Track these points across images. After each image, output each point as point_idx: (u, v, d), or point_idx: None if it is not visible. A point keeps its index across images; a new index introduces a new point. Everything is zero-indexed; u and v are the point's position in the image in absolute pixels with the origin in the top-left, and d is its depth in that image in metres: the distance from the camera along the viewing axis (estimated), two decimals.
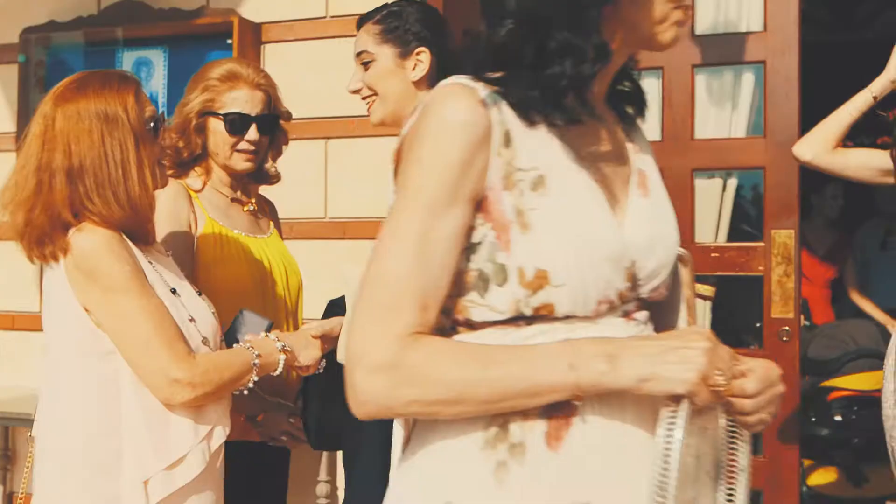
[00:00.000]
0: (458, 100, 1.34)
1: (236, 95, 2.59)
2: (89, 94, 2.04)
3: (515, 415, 1.31)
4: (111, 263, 1.96)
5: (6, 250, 2.13)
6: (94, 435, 2.00)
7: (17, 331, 4.66)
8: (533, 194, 1.33)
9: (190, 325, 2.07)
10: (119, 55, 4.43)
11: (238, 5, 4.25)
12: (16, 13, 4.65)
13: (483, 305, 1.34)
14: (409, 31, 2.26)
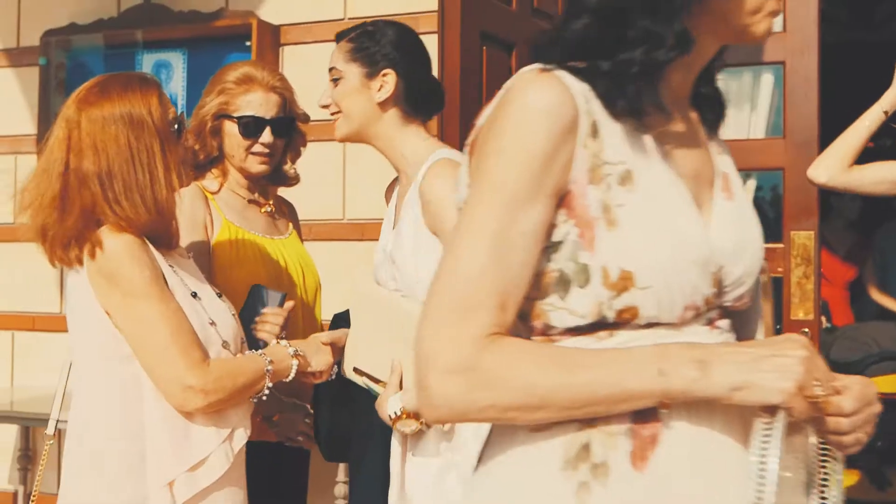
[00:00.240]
0: (544, 86, 1.25)
1: (251, 98, 2.60)
2: (113, 97, 2.04)
3: (597, 433, 1.24)
4: (132, 268, 1.97)
5: (26, 252, 2.14)
6: (117, 437, 2.01)
7: (37, 331, 4.69)
8: (621, 189, 1.25)
9: (210, 329, 2.08)
10: (139, 57, 4.46)
11: (257, 7, 4.26)
12: (37, 16, 4.68)
13: (563, 309, 1.26)
14: (379, 52, 2.27)
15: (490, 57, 3.25)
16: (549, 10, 3.64)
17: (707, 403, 1.22)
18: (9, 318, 4.75)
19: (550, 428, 1.25)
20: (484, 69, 3.22)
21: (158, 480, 1.98)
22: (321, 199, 3.87)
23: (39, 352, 4.68)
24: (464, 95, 3.08)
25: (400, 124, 2.27)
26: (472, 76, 3.15)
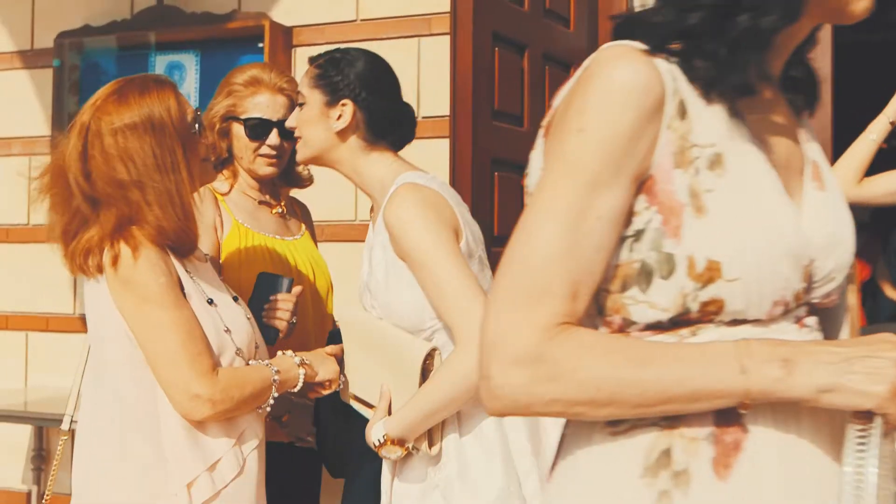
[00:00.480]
0: (628, 62, 1.17)
1: (258, 100, 2.61)
2: (131, 104, 2.05)
3: (678, 438, 1.16)
4: (147, 274, 1.98)
5: (39, 253, 2.15)
6: (133, 439, 2.02)
7: (51, 332, 4.71)
8: (710, 174, 1.17)
9: (225, 336, 2.08)
10: (151, 59, 4.47)
11: (269, 9, 4.27)
12: (51, 18, 4.70)
13: (644, 302, 1.18)
14: (341, 81, 2.25)
15: (502, 58, 3.25)
16: (562, 11, 3.64)
17: (793, 406, 1.14)
18: (22, 319, 4.77)
19: (629, 431, 1.19)
20: (496, 70, 3.21)
21: (178, 481, 1.99)
22: (333, 200, 3.88)
23: (53, 352, 4.70)
24: (476, 96, 3.08)
25: (361, 152, 2.25)
26: (485, 77, 3.14)
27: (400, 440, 2.05)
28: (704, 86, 1.19)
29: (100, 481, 2.06)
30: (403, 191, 2.12)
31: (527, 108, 3.39)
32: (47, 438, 4.61)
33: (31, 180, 2.16)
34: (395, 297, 2.13)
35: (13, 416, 4.09)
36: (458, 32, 3.08)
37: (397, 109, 2.30)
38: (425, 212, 2.07)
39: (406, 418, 2.04)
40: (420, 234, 2.05)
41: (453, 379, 2.00)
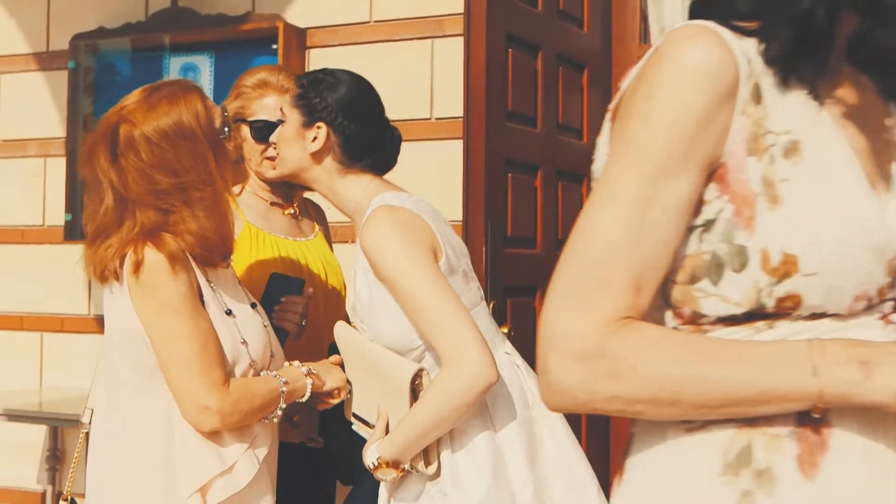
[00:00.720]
0: (700, 44, 1.11)
1: (265, 102, 2.61)
2: (161, 112, 2.05)
3: (759, 435, 1.10)
4: (167, 282, 1.98)
5: (55, 254, 2.16)
6: (148, 442, 2.03)
7: (66, 333, 4.73)
8: (785, 162, 1.11)
9: (241, 348, 2.09)
10: (166, 61, 4.48)
11: (283, 11, 4.28)
12: (66, 20, 4.72)
13: (715, 296, 1.12)
14: (319, 103, 2.24)
15: (515, 59, 3.25)
16: (576, 12, 3.64)
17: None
18: (37, 320, 4.79)
19: (705, 427, 1.13)
20: (510, 71, 3.22)
21: (191, 485, 2.00)
22: None
23: (68, 353, 4.72)
24: (489, 97, 3.08)
25: (337, 174, 2.24)
26: (498, 78, 3.15)
27: (394, 462, 2.05)
28: (781, 68, 1.12)
29: (111, 483, 2.06)
30: (378, 214, 2.10)
31: (540, 109, 3.39)
32: (62, 438, 4.63)
33: (46, 182, 2.16)
34: (381, 320, 2.12)
35: (28, 416, 4.11)
36: (471, 33, 3.08)
37: (376, 134, 2.28)
38: (401, 234, 2.06)
39: (398, 440, 2.04)
40: (397, 258, 2.04)
41: (441, 399, 1.99)
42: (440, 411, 1.99)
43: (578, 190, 3.64)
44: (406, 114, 4.13)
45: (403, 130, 4.03)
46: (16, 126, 4.88)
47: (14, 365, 4.79)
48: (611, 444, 3.82)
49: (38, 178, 4.81)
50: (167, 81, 2.16)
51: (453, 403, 1.98)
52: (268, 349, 2.18)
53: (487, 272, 3.03)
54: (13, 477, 4.80)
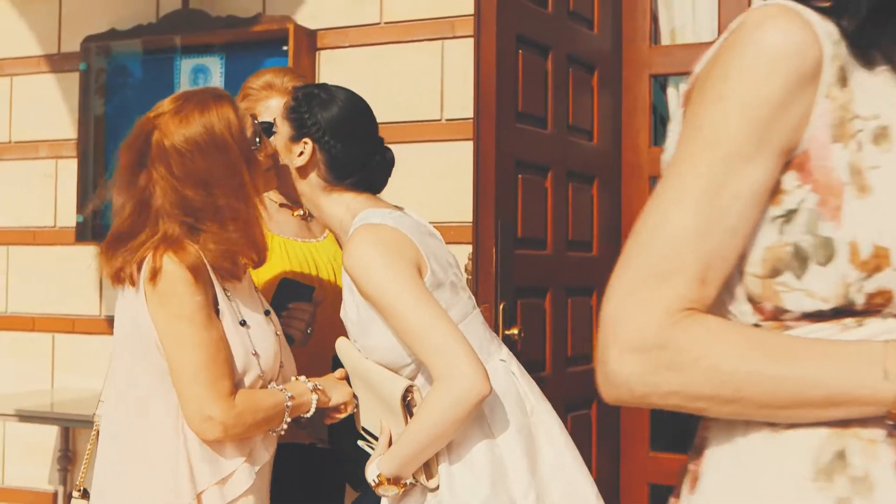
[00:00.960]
0: (780, 22, 1.05)
1: (270, 104, 2.62)
2: (192, 122, 2.05)
3: (853, 439, 1.04)
4: (184, 292, 1.99)
5: (66, 255, 2.17)
6: (152, 446, 2.04)
7: (77, 334, 4.74)
8: (874, 149, 1.04)
9: (252, 360, 2.10)
10: (177, 62, 4.49)
11: (294, 12, 4.29)
12: (78, 22, 4.74)
13: (800, 290, 1.06)
14: (308, 119, 2.23)
15: (526, 60, 3.25)
16: (586, 13, 3.64)
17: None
18: (49, 321, 4.80)
19: (793, 428, 1.06)
20: (520, 72, 3.21)
21: (189, 490, 2.01)
22: None
23: (79, 354, 4.73)
24: (499, 99, 3.08)
25: (321, 190, 2.24)
26: (508, 79, 3.14)
27: (395, 478, 2.06)
28: (861, 41, 1.06)
29: (115, 484, 2.08)
30: (360, 233, 2.10)
31: (550, 110, 3.39)
32: (73, 439, 4.65)
33: (57, 183, 2.18)
34: (371, 338, 2.12)
35: (40, 416, 4.12)
36: (481, 35, 3.08)
37: (364, 155, 2.25)
38: (384, 253, 2.06)
39: (397, 457, 2.05)
40: (381, 278, 2.04)
41: (435, 416, 1.99)
42: (435, 427, 2.00)
43: (589, 191, 3.64)
44: (416, 115, 4.14)
45: (414, 131, 4.06)
46: (27, 128, 4.90)
47: (26, 366, 4.81)
48: (621, 451, 3.82)
49: (50, 180, 4.83)
50: (199, 90, 2.17)
51: (448, 419, 1.98)
52: (278, 359, 2.18)
53: (497, 273, 3.02)
54: (25, 477, 4.81)
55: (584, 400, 3.59)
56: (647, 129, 3.86)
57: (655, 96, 4.08)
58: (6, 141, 4.94)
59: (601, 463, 3.64)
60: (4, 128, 4.95)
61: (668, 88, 4.05)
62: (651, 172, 3.84)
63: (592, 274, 3.66)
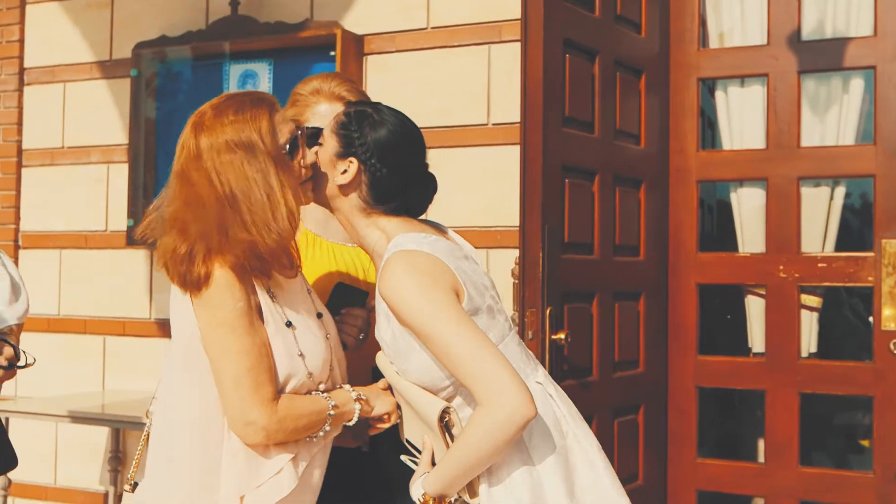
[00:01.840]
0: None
1: (318, 110, 2.62)
2: (225, 122, 2.07)
3: None
4: (224, 298, 2.00)
5: (117, 259, 2.20)
6: (196, 446, 2.05)
7: (128, 336, 4.80)
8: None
9: (298, 361, 2.10)
10: (226, 68, 4.54)
11: (341, 18, 4.31)
12: (129, 29, 4.81)
13: None
14: (357, 139, 2.21)
15: (573, 64, 3.24)
16: (633, 17, 3.62)
17: None
18: (100, 324, 4.87)
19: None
20: (567, 76, 3.21)
21: (231, 492, 2.02)
22: None
23: (129, 356, 4.79)
24: (546, 103, 3.07)
25: (359, 211, 2.22)
26: (555, 83, 3.14)
27: (439, 498, 2.06)
28: None
29: (160, 482, 2.09)
30: (395, 260, 2.08)
31: (597, 114, 3.38)
32: (124, 440, 4.70)
33: (109, 187, 2.21)
34: (407, 363, 2.12)
35: (91, 418, 4.18)
36: (528, 39, 3.07)
37: (407, 182, 2.23)
38: (419, 279, 2.04)
39: (441, 477, 2.04)
40: (419, 305, 2.02)
41: (481, 439, 1.98)
42: (480, 450, 1.99)
43: (636, 195, 3.62)
44: (463, 119, 4.15)
45: (461, 136, 4.07)
46: (80, 133, 4.98)
47: (78, 368, 4.88)
48: (668, 457, 3.79)
49: (101, 185, 4.90)
50: (243, 93, 2.18)
51: (493, 442, 1.97)
52: (328, 362, 2.19)
53: (544, 278, 3.02)
54: (77, 477, 4.88)
55: (631, 405, 3.57)
56: (695, 132, 3.83)
57: (703, 100, 4.05)
58: (59, 146, 5.02)
59: (648, 469, 3.61)
60: (57, 133, 5.03)
61: (716, 92, 4.02)
62: (699, 176, 3.81)
63: (639, 278, 3.64)
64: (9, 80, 5.13)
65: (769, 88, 3.73)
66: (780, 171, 3.68)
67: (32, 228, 5.08)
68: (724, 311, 5.18)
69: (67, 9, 5.00)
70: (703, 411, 3.85)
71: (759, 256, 3.76)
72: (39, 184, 5.07)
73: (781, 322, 3.67)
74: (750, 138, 3.87)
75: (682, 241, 3.81)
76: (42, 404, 4.33)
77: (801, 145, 3.69)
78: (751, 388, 3.85)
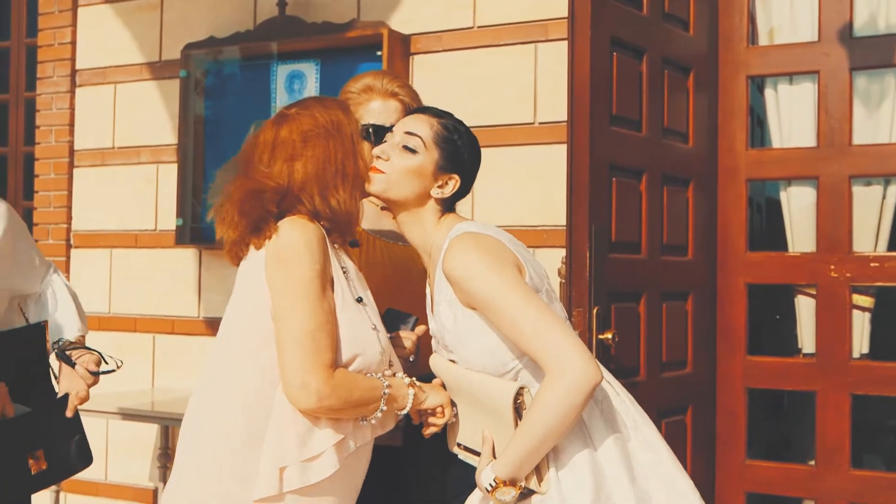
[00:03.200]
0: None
1: (371, 107, 2.64)
2: (313, 110, 2.20)
3: None
4: (302, 258, 2.06)
5: (167, 258, 2.22)
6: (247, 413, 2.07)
7: (177, 335, 4.85)
8: None
9: (371, 334, 2.14)
10: (273, 68, 4.57)
11: (387, 18, 4.32)
12: (178, 31, 4.86)
13: None
14: (460, 153, 2.28)
15: (620, 62, 3.22)
16: (682, 14, 3.59)
17: None
18: (150, 322, 4.93)
19: None
20: (614, 75, 3.19)
21: (273, 462, 2.03)
22: None
23: (178, 354, 4.84)
24: (593, 102, 3.05)
25: (434, 216, 2.27)
26: (602, 82, 3.12)
27: (511, 481, 2.06)
28: None
29: (208, 446, 2.11)
30: (459, 240, 2.13)
31: (645, 113, 3.35)
32: (173, 437, 4.75)
33: (159, 187, 2.29)
34: (468, 349, 2.14)
35: (141, 415, 4.23)
36: (575, 37, 3.06)
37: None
38: (485, 254, 2.09)
39: (512, 457, 2.05)
40: (485, 277, 2.06)
41: (551, 407, 2.00)
42: (551, 419, 2.00)
43: (684, 194, 3.59)
44: (509, 118, 4.14)
45: (507, 135, 4.06)
46: (129, 133, 5.04)
47: (127, 365, 4.92)
48: (717, 458, 3.76)
49: (151, 184, 4.95)
50: (319, 97, 2.37)
51: (563, 409, 1.98)
52: (388, 349, 2.21)
53: (591, 277, 3.00)
54: (127, 474, 4.95)
55: (679, 406, 3.54)
56: (744, 130, 3.79)
57: (752, 97, 4.01)
58: (110, 146, 5.09)
59: (696, 471, 3.58)
60: (108, 134, 5.10)
61: (765, 89, 3.97)
62: (748, 175, 3.77)
63: (687, 278, 3.61)
64: (61, 81, 5.21)
65: (820, 86, 3.68)
66: (830, 170, 3.63)
67: (84, 228, 5.15)
68: (773, 311, 5.13)
69: (118, 11, 5.06)
70: (751, 412, 3.81)
71: (809, 256, 3.71)
72: (90, 184, 5.14)
73: (832, 322, 3.63)
74: (800, 136, 3.82)
75: (731, 241, 3.77)
76: (93, 401, 4.38)
77: (852, 143, 3.64)
78: (801, 389, 3.80)
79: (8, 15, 5.59)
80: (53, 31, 5.23)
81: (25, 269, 2.88)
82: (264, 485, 2.03)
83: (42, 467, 2.76)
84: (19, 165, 5.54)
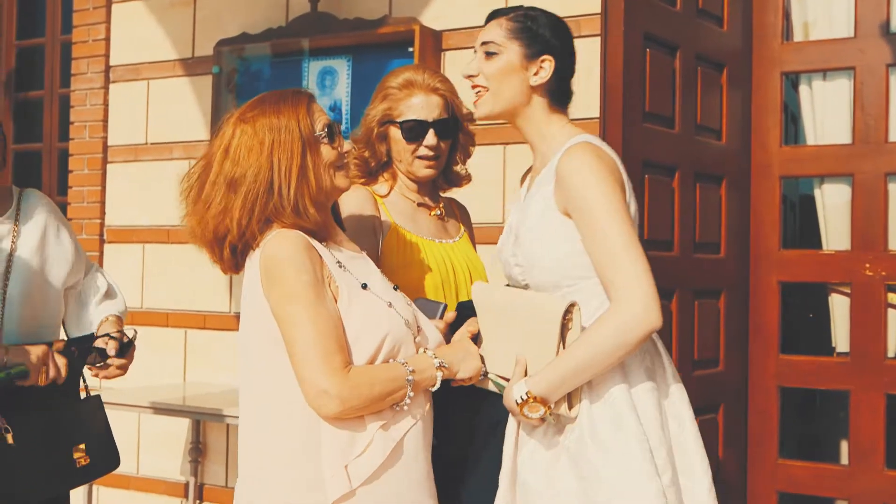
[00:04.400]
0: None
1: (413, 102, 2.63)
2: (267, 111, 2.17)
3: None
4: (291, 272, 2.05)
5: (198, 253, 2.23)
6: (294, 421, 2.08)
7: (208, 330, 4.88)
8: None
9: (389, 311, 2.14)
10: (305, 65, 4.58)
11: (419, 14, 4.32)
12: (211, 27, 4.88)
13: None
14: (541, 35, 2.25)
15: (653, 58, 3.20)
16: (715, 11, 3.57)
17: None
18: (182, 317, 4.95)
19: None
20: (647, 71, 3.17)
21: (336, 462, 2.04)
22: (480, 202, 3.89)
23: (209, 349, 4.87)
24: (626, 98, 3.04)
25: (546, 111, 2.27)
26: (636, 78, 3.10)
27: (543, 399, 2.04)
28: None
29: (264, 459, 2.11)
30: (582, 145, 2.14)
31: (678, 109, 3.33)
32: (204, 432, 4.78)
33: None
34: (544, 249, 2.15)
35: (173, 409, 4.26)
36: (608, 34, 3.05)
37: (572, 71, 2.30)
38: (600, 166, 2.09)
39: (550, 377, 2.04)
40: (597, 185, 2.06)
41: (599, 338, 1.99)
42: (600, 349, 1.99)
43: (717, 191, 3.56)
44: None
45: None
46: (162, 129, 5.07)
47: (160, 360, 4.97)
48: (749, 457, 3.74)
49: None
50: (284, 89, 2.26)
51: (615, 343, 1.98)
52: (415, 320, 2.21)
53: None
54: (159, 468, 4.98)
55: (711, 404, 3.52)
56: (778, 127, 3.76)
57: (786, 94, 3.98)
58: (143, 142, 5.12)
59: (728, 470, 3.56)
60: (141, 130, 5.13)
61: (799, 86, 3.94)
62: (782, 172, 3.74)
63: (720, 276, 3.58)
64: (95, 77, 5.25)
65: (856, 82, 3.64)
66: (866, 167, 3.60)
67: (117, 223, 5.19)
68: (806, 309, 5.08)
69: (151, 7, 5.09)
70: (783, 411, 3.78)
71: (843, 254, 3.68)
72: (124, 179, 5.17)
73: (867, 321, 3.59)
74: (834, 133, 3.79)
75: (764, 239, 3.74)
76: (125, 395, 4.42)
77: (888, 140, 3.60)
78: (834, 388, 3.77)
79: (43, 12, 5.64)
80: (87, 27, 5.27)
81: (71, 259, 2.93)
82: (336, 485, 2.04)
83: (85, 462, 2.79)
84: (54, 161, 5.59)
